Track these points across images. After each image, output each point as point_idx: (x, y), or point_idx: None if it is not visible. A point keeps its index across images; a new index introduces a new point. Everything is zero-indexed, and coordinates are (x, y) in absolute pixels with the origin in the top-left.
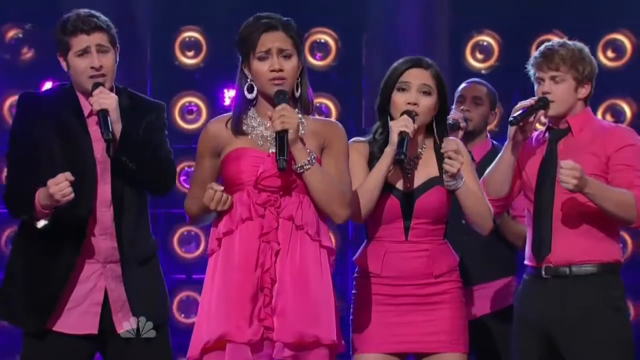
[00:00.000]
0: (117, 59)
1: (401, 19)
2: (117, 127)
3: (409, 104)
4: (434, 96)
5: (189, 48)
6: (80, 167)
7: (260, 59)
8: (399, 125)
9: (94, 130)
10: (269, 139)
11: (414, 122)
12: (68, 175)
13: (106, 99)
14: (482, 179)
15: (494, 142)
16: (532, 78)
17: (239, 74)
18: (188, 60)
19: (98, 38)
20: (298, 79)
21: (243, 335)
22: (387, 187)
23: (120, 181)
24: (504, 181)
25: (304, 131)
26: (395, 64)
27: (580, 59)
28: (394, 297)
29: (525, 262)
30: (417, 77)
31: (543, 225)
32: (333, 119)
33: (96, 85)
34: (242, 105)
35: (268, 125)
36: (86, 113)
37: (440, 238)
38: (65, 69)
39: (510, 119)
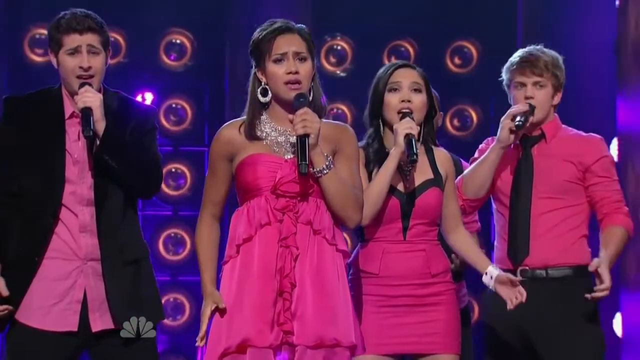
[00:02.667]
0: (108, 62)
1: (263, 19)
2: (99, 126)
3: (402, 101)
4: (424, 94)
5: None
6: (49, 166)
7: (276, 61)
8: (404, 127)
9: (73, 130)
10: (283, 144)
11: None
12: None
13: (90, 97)
14: (460, 177)
15: None
16: (508, 83)
17: (252, 79)
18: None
19: (90, 39)
20: (311, 83)
21: (265, 339)
22: (389, 188)
23: (103, 180)
24: (485, 183)
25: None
26: (380, 71)
27: (558, 66)
28: (391, 298)
29: (496, 265)
30: (406, 76)
31: (520, 229)
32: (188, 120)
33: (82, 85)
34: (256, 110)
35: (289, 130)
36: (67, 114)
37: (435, 239)
38: (55, 66)
39: (517, 123)
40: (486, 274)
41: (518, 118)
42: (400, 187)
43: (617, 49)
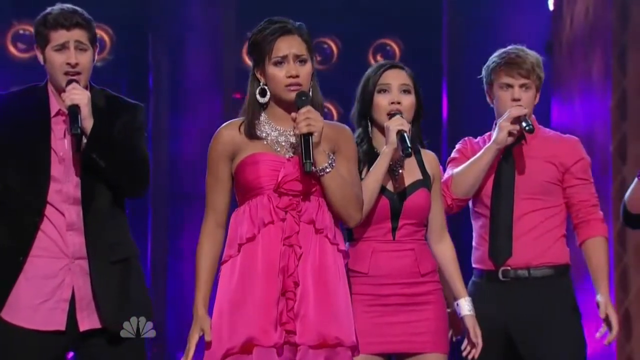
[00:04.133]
0: (95, 58)
1: (185, 16)
2: (87, 123)
3: (392, 103)
4: (413, 95)
5: None
6: (34, 165)
7: (276, 64)
8: (396, 124)
9: (59, 128)
10: (283, 144)
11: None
12: None
13: (78, 95)
14: (450, 176)
15: None
16: (489, 82)
17: (251, 78)
18: None
19: (78, 35)
20: (310, 83)
21: (270, 339)
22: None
23: (91, 179)
24: (477, 183)
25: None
26: (369, 71)
27: (541, 67)
28: (380, 297)
29: (476, 265)
30: (396, 78)
31: (502, 230)
32: None
33: (70, 82)
34: (255, 110)
35: (288, 130)
36: (53, 112)
37: (423, 239)
38: (42, 62)
39: (528, 127)
40: (457, 304)
41: (525, 123)
42: (390, 187)
43: (550, 50)
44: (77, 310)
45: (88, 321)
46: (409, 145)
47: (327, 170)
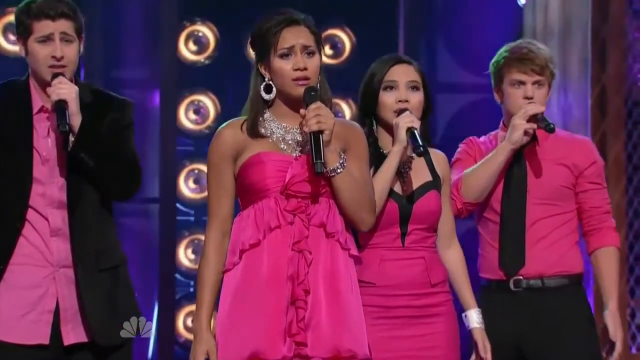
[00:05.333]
0: (82, 50)
1: (121, 2)
2: (75, 120)
3: (399, 101)
4: (422, 91)
5: None
6: (15, 165)
7: (283, 56)
8: (405, 121)
9: (42, 126)
10: (290, 142)
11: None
12: None
13: (65, 89)
14: (459, 178)
15: None
16: (500, 78)
17: (254, 74)
18: None
19: (64, 25)
20: (318, 77)
21: (278, 351)
22: None
23: (77, 180)
24: (489, 186)
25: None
26: (373, 66)
27: (553, 63)
28: (388, 309)
29: (484, 274)
30: (403, 74)
31: (514, 238)
32: None
33: (55, 76)
34: (259, 108)
35: (295, 128)
36: (36, 109)
37: (433, 246)
38: (23, 54)
39: (549, 126)
40: (465, 316)
41: (544, 122)
42: (398, 189)
43: (522, 36)
44: (62, 322)
45: (73, 334)
46: (421, 143)
47: (339, 170)
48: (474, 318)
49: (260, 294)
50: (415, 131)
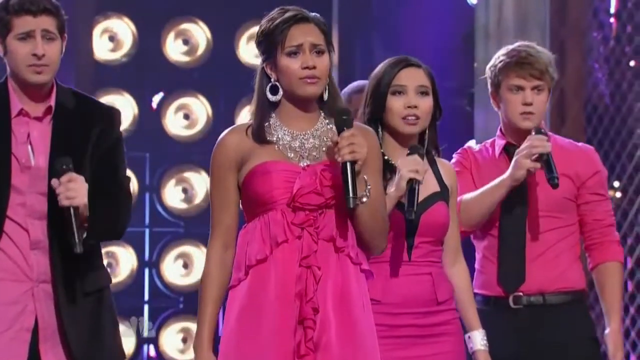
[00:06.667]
0: (64, 50)
1: None
2: (84, 219)
3: (408, 107)
4: (431, 96)
5: None
6: None
7: (290, 54)
8: (409, 169)
9: (21, 132)
10: (298, 150)
11: (423, 159)
12: None
13: (75, 192)
14: (459, 202)
15: None
16: (497, 83)
17: (259, 75)
18: None
19: (46, 22)
20: (327, 80)
21: None
22: None
23: None
24: (484, 217)
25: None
26: (382, 68)
27: (554, 67)
28: (392, 328)
29: (481, 291)
30: (412, 78)
31: (514, 251)
32: None
33: (60, 165)
34: (264, 111)
35: (303, 133)
36: (14, 112)
37: (439, 261)
38: (1, 53)
39: (553, 181)
40: (469, 337)
41: (550, 174)
42: (405, 199)
43: (470, 41)
44: (40, 340)
45: (52, 354)
46: (414, 208)
47: (364, 200)
48: (478, 340)
49: (267, 313)
50: (417, 185)
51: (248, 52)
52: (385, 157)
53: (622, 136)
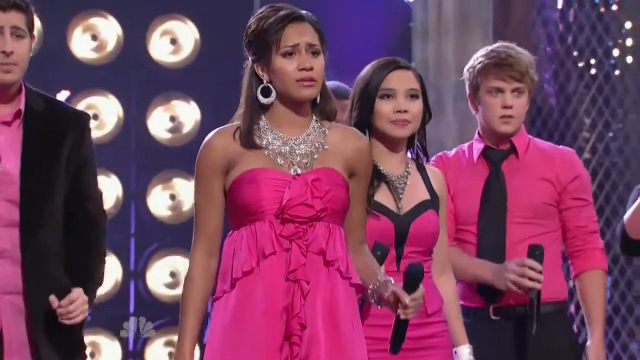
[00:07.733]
0: (32, 48)
1: None
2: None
3: (397, 112)
4: (421, 99)
5: None
6: None
7: (286, 55)
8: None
9: None
10: (288, 156)
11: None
12: None
13: (76, 312)
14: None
15: None
16: (476, 85)
17: (248, 76)
18: None
19: (15, 18)
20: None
21: None
22: (381, 209)
23: (32, 197)
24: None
25: (327, 146)
26: (369, 70)
27: (534, 68)
28: (380, 342)
29: (460, 302)
30: (402, 81)
31: (493, 260)
32: None
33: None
34: (254, 114)
35: (294, 138)
36: None
37: (429, 271)
38: None
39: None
40: (456, 352)
41: (535, 313)
42: (393, 207)
43: (407, 39)
44: (5, 355)
45: None
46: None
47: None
48: (465, 355)
49: (253, 328)
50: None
51: (159, 48)
52: (375, 164)
53: (566, 140)
